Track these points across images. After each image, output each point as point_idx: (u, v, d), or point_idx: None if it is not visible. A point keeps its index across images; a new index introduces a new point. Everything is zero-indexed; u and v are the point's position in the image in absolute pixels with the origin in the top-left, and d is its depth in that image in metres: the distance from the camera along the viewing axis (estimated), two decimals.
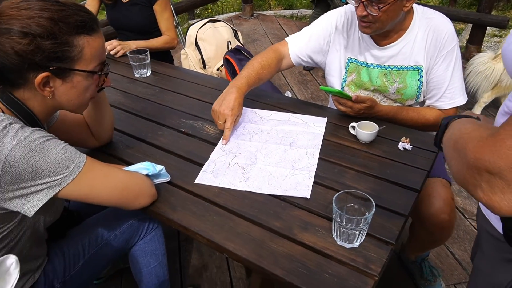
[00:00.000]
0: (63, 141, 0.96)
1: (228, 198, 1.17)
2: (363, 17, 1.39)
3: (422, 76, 1.50)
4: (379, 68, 1.55)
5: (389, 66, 1.53)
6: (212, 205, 1.15)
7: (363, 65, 1.58)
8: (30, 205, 0.91)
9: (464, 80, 1.53)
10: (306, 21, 6.05)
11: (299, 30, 1.72)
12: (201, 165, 1.30)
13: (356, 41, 1.58)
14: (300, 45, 1.67)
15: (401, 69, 1.52)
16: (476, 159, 0.62)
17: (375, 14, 1.35)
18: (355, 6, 1.42)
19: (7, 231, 0.96)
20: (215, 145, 1.41)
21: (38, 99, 0.99)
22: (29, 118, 0.98)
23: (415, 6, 1.48)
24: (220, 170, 1.27)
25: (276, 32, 5.21)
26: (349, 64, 1.61)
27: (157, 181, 1.18)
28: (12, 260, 0.84)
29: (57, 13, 0.92)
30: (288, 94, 3.42)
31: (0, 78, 0.94)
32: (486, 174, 0.60)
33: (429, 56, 1.47)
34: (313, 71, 4.13)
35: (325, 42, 1.64)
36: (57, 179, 0.92)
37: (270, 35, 5.12)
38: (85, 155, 0.99)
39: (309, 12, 6.46)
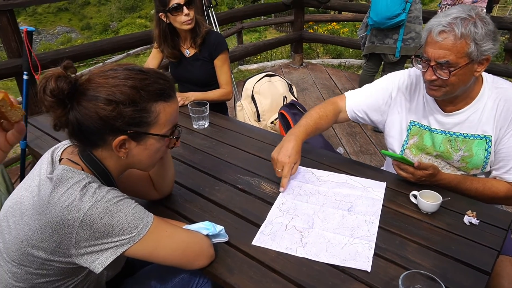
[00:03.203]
0: (134, 201, 1.00)
1: (286, 264, 1.14)
2: (431, 81, 1.37)
3: (490, 146, 1.44)
4: (443, 134, 1.52)
5: (454, 133, 1.49)
6: (269, 271, 1.13)
7: (427, 129, 1.55)
8: (99, 262, 0.93)
9: None
10: (354, 71, 6.09)
11: (348, 80, 1.75)
12: (257, 225, 1.30)
13: (421, 105, 1.56)
14: (358, 100, 1.68)
15: (467, 137, 1.47)
16: None
17: (445, 78, 1.33)
18: (422, 71, 1.41)
19: (73, 285, 0.99)
20: (271, 204, 1.40)
21: (114, 158, 1.05)
22: (105, 176, 1.04)
23: (484, 75, 1.46)
24: (278, 233, 1.26)
25: (325, 82, 5.27)
26: (411, 127, 1.59)
27: (215, 240, 1.18)
28: None
29: (140, 82, 0.99)
30: (340, 150, 3.38)
31: (83, 138, 1.01)
32: None
33: (499, 126, 1.42)
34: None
35: (384, 102, 1.63)
36: (126, 238, 0.94)
37: (319, 85, 5.18)
38: (152, 215, 1.02)
39: (357, 62, 6.51)
